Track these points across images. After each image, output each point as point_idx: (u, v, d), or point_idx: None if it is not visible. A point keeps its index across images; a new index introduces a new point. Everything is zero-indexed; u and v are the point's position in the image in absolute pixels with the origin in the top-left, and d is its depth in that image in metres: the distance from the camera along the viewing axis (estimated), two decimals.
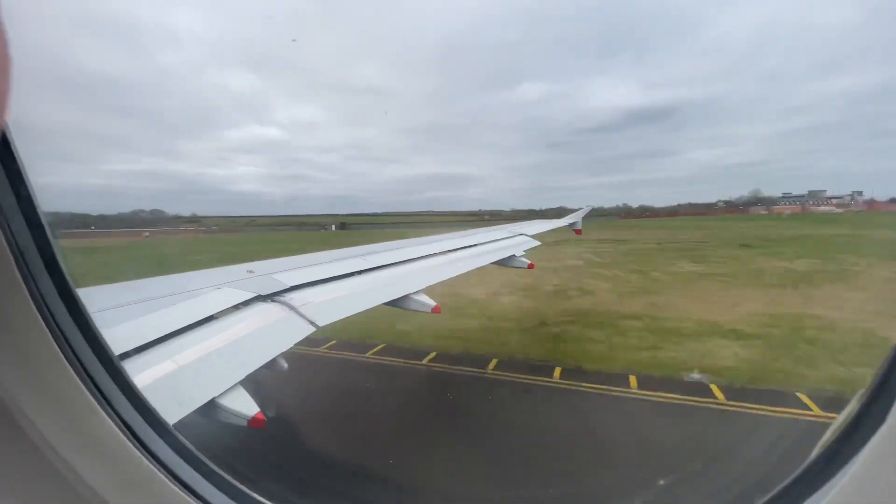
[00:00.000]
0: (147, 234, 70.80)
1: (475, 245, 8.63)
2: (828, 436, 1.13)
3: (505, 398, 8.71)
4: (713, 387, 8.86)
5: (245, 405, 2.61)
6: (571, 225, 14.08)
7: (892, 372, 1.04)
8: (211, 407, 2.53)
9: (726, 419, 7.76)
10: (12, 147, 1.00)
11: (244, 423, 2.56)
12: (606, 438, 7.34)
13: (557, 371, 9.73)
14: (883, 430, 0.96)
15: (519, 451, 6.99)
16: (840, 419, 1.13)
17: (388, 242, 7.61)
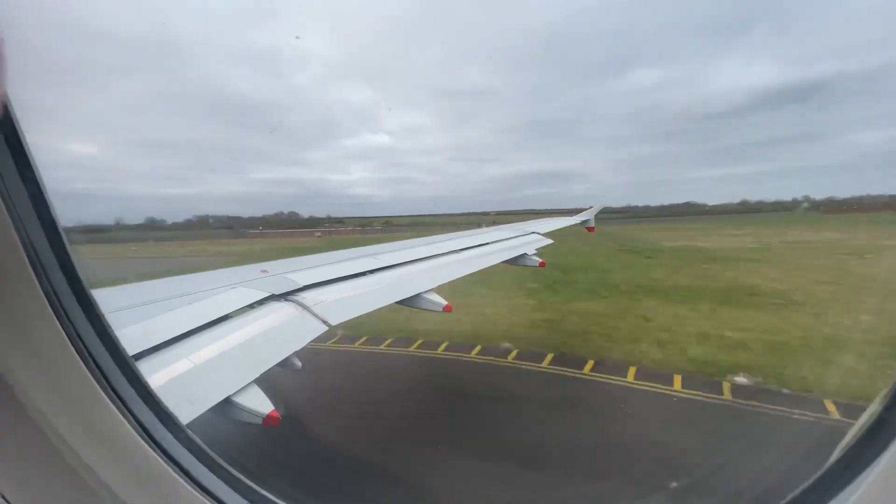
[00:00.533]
0: (319, 234, 72.72)
1: (486, 244, 8.60)
2: (848, 438, 1.10)
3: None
4: None
5: (260, 403, 2.65)
6: (584, 223, 13.92)
7: None
8: (226, 405, 2.57)
9: None
10: (25, 148, 1.03)
11: (259, 420, 2.59)
12: None
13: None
14: None
15: None
16: (861, 421, 1.09)
17: (399, 242, 7.63)
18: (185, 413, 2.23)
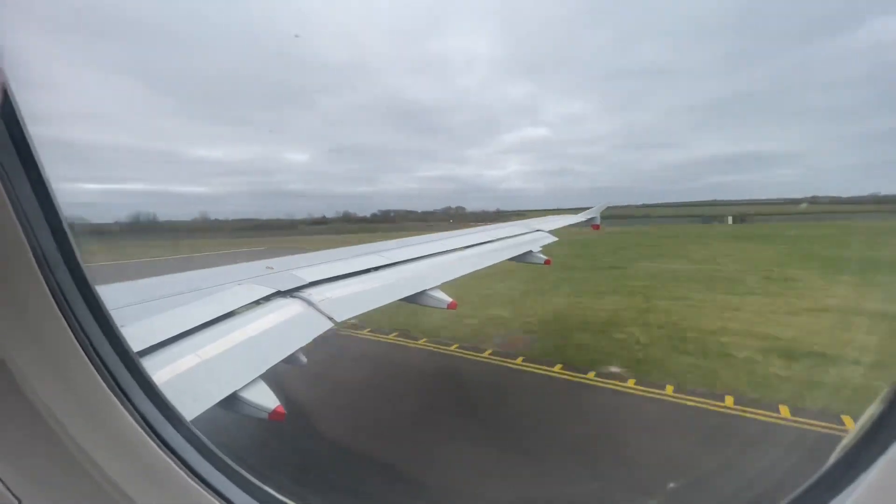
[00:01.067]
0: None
1: (491, 241, 8.59)
2: (847, 440, 1.10)
3: None
4: None
5: (266, 398, 2.68)
6: (589, 220, 13.84)
7: None
8: (233, 400, 2.61)
9: None
10: (29, 142, 1.04)
11: (265, 415, 2.63)
12: None
13: None
14: None
15: None
16: (860, 422, 1.09)
17: (404, 239, 7.65)
18: (192, 408, 2.26)
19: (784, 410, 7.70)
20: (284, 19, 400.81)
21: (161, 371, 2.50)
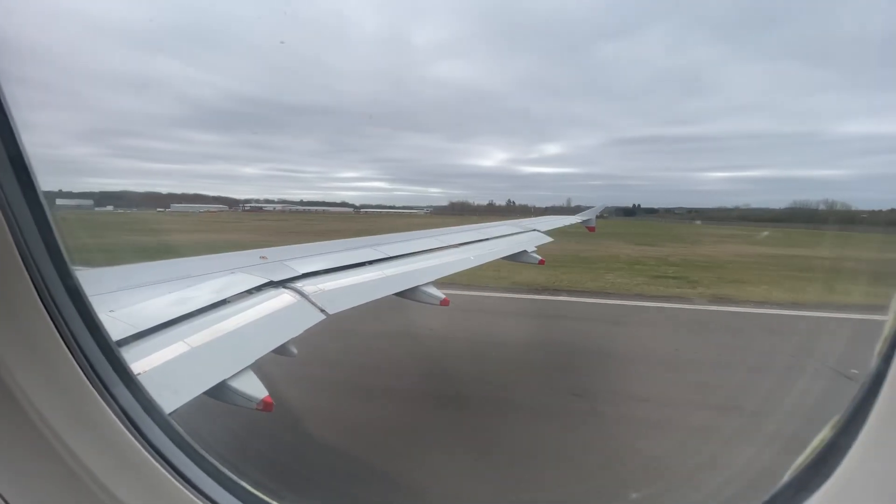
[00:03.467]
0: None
1: (486, 239, 8.58)
2: (799, 461, 1.15)
3: None
4: None
5: (255, 388, 2.64)
6: (585, 222, 13.90)
7: (866, 401, 1.03)
8: (221, 389, 2.57)
9: None
10: (14, 130, 1.01)
11: (253, 405, 2.59)
12: None
13: None
14: (847, 459, 0.99)
15: None
16: (812, 446, 1.14)
17: (399, 234, 7.61)
18: (179, 397, 2.22)
19: None
20: None
21: (147, 358, 2.45)
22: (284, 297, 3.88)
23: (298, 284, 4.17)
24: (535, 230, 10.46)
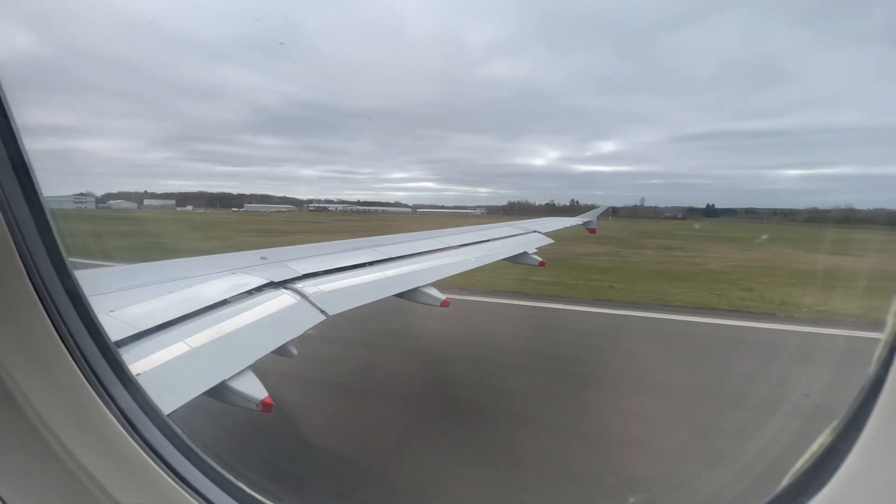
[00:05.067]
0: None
1: (487, 241, 8.58)
2: (797, 466, 1.14)
3: None
4: None
5: (255, 389, 2.64)
6: (586, 224, 13.89)
7: (866, 405, 1.03)
8: (221, 390, 2.57)
9: None
10: (14, 129, 1.02)
11: (253, 406, 2.59)
12: None
13: None
14: (847, 463, 0.98)
15: None
16: (810, 450, 1.13)
17: (398, 235, 7.61)
18: (179, 397, 2.22)
19: None
20: None
21: (148, 358, 2.45)
22: (285, 298, 3.88)
23: (299, 285, 4.17)
24: (535, 231, 10.45)
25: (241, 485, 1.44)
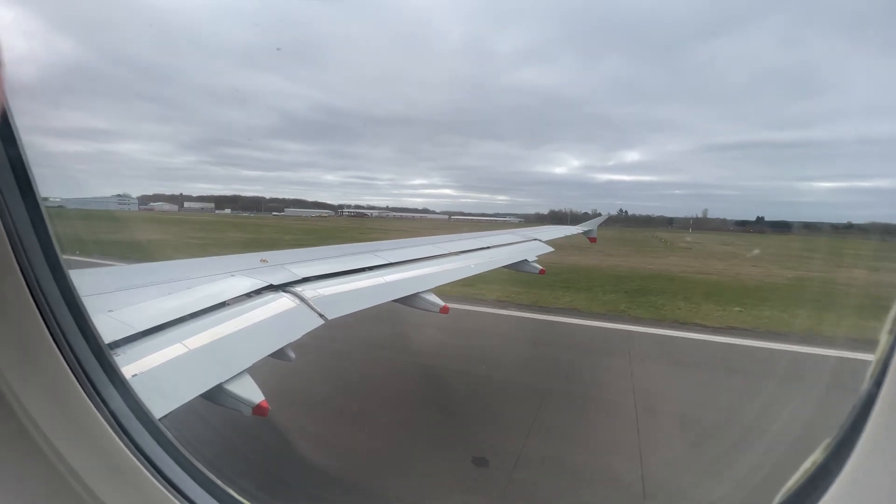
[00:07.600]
0: None
1: (487, 248, 8.58)
2: (789, 485, 1.14)
3: None
4: None
5: (251, 392, 2.63)
6: (586, 233, 13.86)
7: (857, 424, 1.03)
8: (217, 392, 2.56)
9: None
10: (14, 130, 1.02)
11: (249, 410, 2.58)
12: None
13: None
14: (838, 482, 0.99)
15: None
16: (802, 469, 1.13)
17: (399, 240, 7.61)
18: (174, 399, 2.22)
19: None
20: None
21: (144, 360, 2.45)
22: (283, 301, 3.88)
23: (298, 289, 4.17)
24: (535, 240, 10.44)
25: (228, 489, 1.43)
